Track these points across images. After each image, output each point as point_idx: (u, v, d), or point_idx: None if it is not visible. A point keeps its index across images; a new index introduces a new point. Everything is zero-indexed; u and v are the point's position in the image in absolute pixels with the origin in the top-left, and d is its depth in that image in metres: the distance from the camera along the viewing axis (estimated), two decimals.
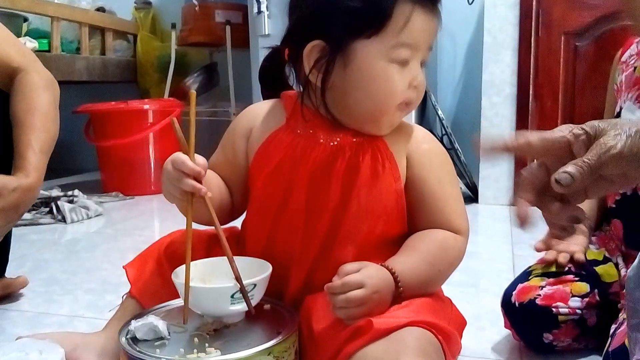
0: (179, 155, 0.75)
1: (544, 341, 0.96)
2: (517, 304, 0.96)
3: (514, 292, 0.98)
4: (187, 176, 0.74)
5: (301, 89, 0.83)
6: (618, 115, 1.04)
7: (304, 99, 0.83)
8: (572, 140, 0.56)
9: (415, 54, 0.78)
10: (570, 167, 0.53)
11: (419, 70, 0.80)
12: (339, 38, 0.77)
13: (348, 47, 0.77)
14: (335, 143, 0.82)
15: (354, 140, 0.82)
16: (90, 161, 2.91)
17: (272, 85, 0.90)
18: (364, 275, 0.73)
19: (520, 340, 1.00)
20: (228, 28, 2.65)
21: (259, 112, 0.88)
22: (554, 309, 0.94)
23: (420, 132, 0.87)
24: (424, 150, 0.84)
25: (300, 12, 0.82)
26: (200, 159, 0.76)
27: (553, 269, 1.00)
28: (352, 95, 0.79)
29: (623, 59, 1.10)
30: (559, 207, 0.58)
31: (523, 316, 0.96)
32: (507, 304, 0.98)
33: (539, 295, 0.95)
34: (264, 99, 0.93)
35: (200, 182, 0.75)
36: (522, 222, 0.58)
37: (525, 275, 1.01)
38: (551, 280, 0.97)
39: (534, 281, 0.98)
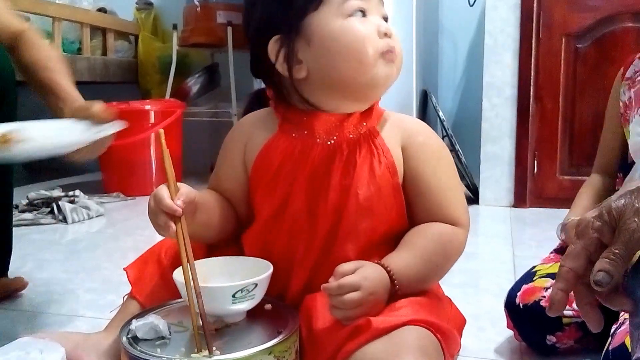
0: (160, 191, 0.76)
1: (547, 343, 0.96)
2: (521, 306, 0.96)
3: (518, 293, 0.97)
4: (163, 213, 0.75)
5: (279, 93, 0.84)
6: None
7: (284, 101, 0.84)
8: (600, 237, 0.54)
9: (367, 4, 0.79)
10: (604, 264, 0.52)
11: (382, 21, 0.81)
12: (289, 23, 0.79)
13: (303, 26, 0.79)
14: (333, 142, 0.82)
15: (351, 136, 0.82)
16: (91, 161, 2.91)
17: None
18: (360, 277, 0.73)
19: (523, 341, 1.00)
20: (229, 29, 2.65)
21: (252, 123, 0.89)
22: None
23: (415, 124, 0.87)
24: (419, 142, 0.84)
25: (252, 27, 0.84)
26: (184, 189, 0.77)
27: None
28: (327, 64, 0.79)
29: (627, 75, 1.10)
30: (596, 312, 0.56)
31: (527, 318, 0.96)
32: (510, 305, 0.98)
33: (544, 297, 0.95)
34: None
35: (180, 216, 0.75)
36: (556, 310, 0.56)
37: (530, 276, 1.01)
38: None
39: (539, 282, 0.98)
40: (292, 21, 0.79)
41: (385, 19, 0.82)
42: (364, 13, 0.79)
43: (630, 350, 0.73)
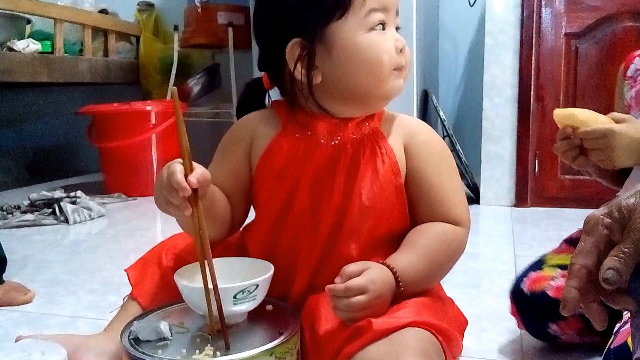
0: (174, 164, 0.71)
1: (549, 332, 0.96)
2: (528, 293, 0.96)
3: (525, 280, 0.98)
4: (176, 190, 0.70)
5: (290, 94, 0.84)
6: None
7: (295, 102, 0.84)
8: (609, 234, 0.54)
9: (388, 16, 0.80)
10: (613, 262, 0.51)
11: (398, 35, 0.82)
12: (313, 29, 0.78)
13: (325, 34, 0.79)
14: (337, 142, 0.83)
15: (354, 137, 0.83)
16: (93, 162, 2.92)
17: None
18: (367, 280, 0.72)
19: (525, 329, 1.00)
20: (230, 30, 2.65)
21: (255, 122, 0.88)
22: None
23: (417, 123, 0.88)
24: (421, 141, 0.85)
25: (268, 25, 0.83)
26: (199, 169, 0.72)
27: (569, 262, 1.00)
28: (345, 75, 0.80)
29: (629, 73, 1.09)
30: (602, 310, 0.56)
31: (532, 305, 0.96)
32: (517, 291, 0.98)
33: (551, 285, 0.95)
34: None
35: (191, 195, 0.71)
36: (570, 308, 0.56)
37: (539, 264, 1.01)
38: (564, 272, 0.97)
39: (547, 271, 0.98)
40: (316, 27, 0.78)
41: (398, 29, 0.83)
42: (383, 26, 0.80)
43: (632, 350, 0.73)
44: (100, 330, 0.93)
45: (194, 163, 0.72)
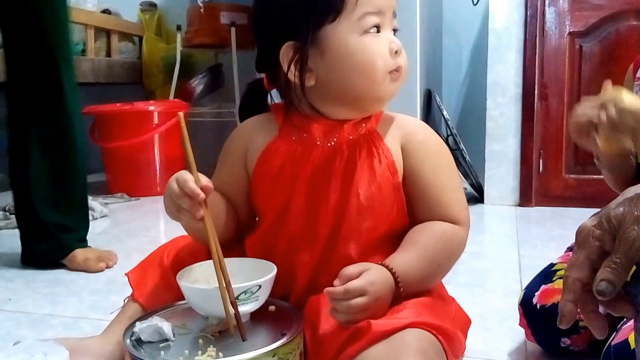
0: (183, 174, 0.75)
1: (561, 345, 0.94)
2: (538, 306, 0.94)
3: (536, 293, 0.95)
4: (187, 196, 0.74)
5: (285, 96, 0.84)
6: None
7: (290, 104, 0.84)
8: (601, 245, 0.54)
9: (382, 19, 0.79)
10: (605, 273, 0.51)
11: (394, 38, 0.81)
12: (306, 32, 0.78)
13: (318, 36, 0.78)
14: (333, 143, 0.82)
15: (350, 138, 0.82)
16: (96, 162, 2.92)
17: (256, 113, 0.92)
18: (366, 282, 0.72)
19: (535, 341, 0.97)
20: (233, 29, 2.65)
21: (252, 127, 0.89)
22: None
23: (414, 123, 0.88)
24: (418, 141, 0.84)
25: (264, 27, 0.84)
26: (204, 179, 0.76)
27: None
28: (338, 78, 0.80)
29: (639, 75, 1.08)
30: (600, 319, 0.56)
31: (543, 319, 0.93)
32: (527, 304, 0.95)
33: None
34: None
35: (203, 200, 0.74)
36: (567, 322, 0.56)
37: (549, 275, 0.98)
38: None
39: (558, 283, 0.95)
40: (308, 30, 0.78)
41: (395, 31, 0.82)
42: (378, 29, 0.79)
43: (632, 347, 0.73)
44: (101, 332, 0.93)
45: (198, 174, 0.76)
